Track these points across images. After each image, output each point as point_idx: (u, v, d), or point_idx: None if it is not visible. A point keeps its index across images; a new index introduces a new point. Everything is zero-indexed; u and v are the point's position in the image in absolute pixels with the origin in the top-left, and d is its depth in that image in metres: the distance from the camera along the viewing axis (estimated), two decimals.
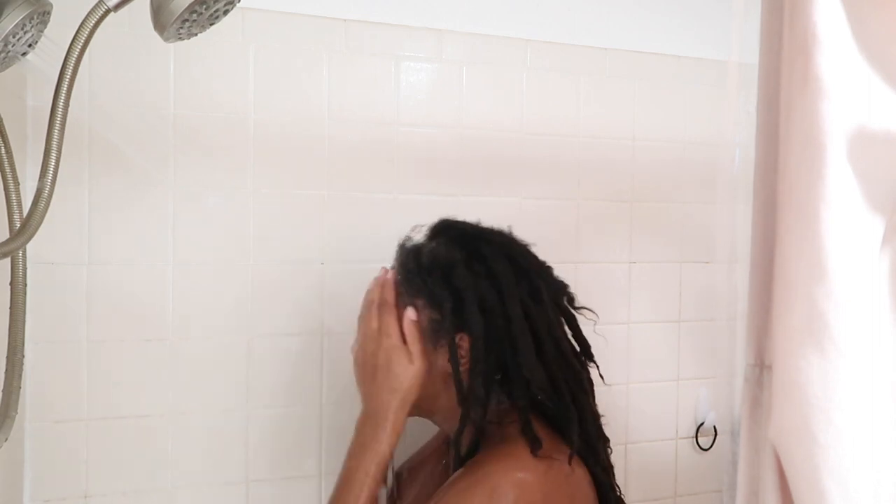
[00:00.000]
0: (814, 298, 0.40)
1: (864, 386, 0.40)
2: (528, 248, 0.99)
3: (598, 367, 1.01)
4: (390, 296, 0.93)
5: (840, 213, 0.40)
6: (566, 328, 0.97)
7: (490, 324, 0.89)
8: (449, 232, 0.99)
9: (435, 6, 1.34)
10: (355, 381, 0.93)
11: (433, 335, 0.91)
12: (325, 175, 1.28)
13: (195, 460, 1.22)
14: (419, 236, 1.01)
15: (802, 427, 0.41)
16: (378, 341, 0.89)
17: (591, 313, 1.00)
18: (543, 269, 0.98)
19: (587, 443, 0.90)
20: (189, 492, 1.22)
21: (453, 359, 0.88)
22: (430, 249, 0.96)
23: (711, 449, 1.52)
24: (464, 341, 0.89)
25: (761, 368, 0.44)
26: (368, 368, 0.90)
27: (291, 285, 1.27)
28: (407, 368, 0.88)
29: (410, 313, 0.91)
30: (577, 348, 0.98)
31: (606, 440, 0.96)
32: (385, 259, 1.33)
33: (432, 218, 1.35)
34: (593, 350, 1.01)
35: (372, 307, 0.93)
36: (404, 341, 0.90)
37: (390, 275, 0.98)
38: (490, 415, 0.89)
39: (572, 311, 0.99)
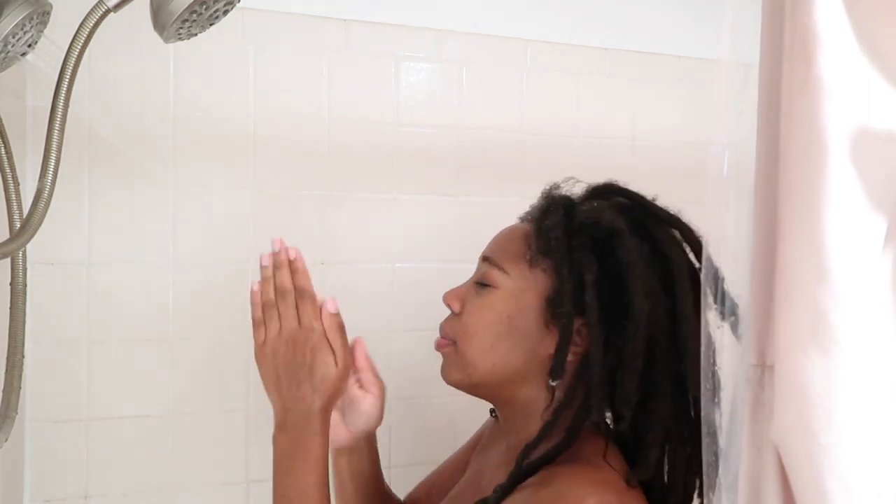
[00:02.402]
0: (816, 298, 0.40)
1: (867, 386, 0.40)
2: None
3: None
4: (307, 282, 0.76)
5: (842, 212, 0.40)
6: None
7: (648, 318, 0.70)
8: (617, 196, 0.80)
9: (435, 6, 1.34)
10: (265, 386, 0.77)
11: (549, 309, 0.73)
12: (325, 175, 1.28)
13: (195, 460, 1.22)
14: (572, 189, 0.82)
15: (804, 427, 0.41)
16: (299, 337, 0.75)
17: None
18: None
19: None
20: (189, 492, 1.21)
21: (595, 348, 0.71)
22: (590, 207, 0.78)
23: None
24: (585, 328, 0.72)
25: (763, 368, 0.44)
26: (287, 369, 0.74)
27: None
28: (331, 369, 0.74)
29: (331, 305, 0.76)
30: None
31: None
32: (385, 259, 1.33)
33: (432, 218, 1.36)
34: None
35: (287, 297, 0.75)
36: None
37: (296, 254, 0.78)
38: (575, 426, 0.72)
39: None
